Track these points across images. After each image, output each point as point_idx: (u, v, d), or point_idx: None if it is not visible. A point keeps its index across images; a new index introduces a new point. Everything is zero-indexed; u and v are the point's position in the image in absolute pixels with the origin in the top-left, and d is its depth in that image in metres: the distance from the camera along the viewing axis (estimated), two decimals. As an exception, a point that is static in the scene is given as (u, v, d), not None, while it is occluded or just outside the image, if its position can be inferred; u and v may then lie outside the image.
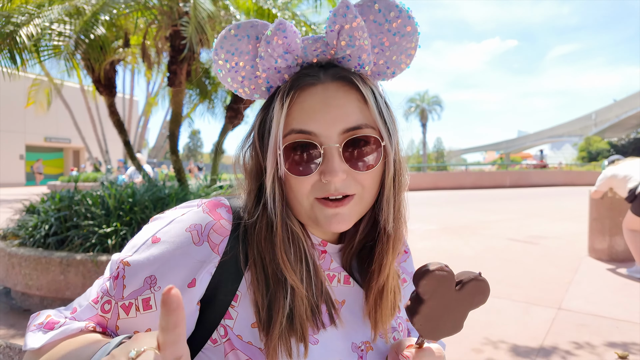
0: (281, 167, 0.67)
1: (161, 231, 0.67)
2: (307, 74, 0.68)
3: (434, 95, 58.27)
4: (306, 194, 0.68)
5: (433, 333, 0.69)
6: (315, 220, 0.69)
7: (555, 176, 25.34)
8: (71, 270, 3.41)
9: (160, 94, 11.73)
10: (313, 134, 0.66)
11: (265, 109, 0.72)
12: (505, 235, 7.28)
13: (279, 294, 0.67)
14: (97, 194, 4.09)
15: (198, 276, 0.65)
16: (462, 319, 0.69)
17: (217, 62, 0.71)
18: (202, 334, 0.68)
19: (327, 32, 0.67)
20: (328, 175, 0.65)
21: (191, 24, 3.94)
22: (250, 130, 0.74)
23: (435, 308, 0.67)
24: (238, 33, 0.68)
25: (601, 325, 3.37)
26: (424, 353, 0.71)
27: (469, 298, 0.67)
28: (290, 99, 0.66)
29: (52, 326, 0.63)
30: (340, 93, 0.67)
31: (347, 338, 0.73)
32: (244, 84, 0.73)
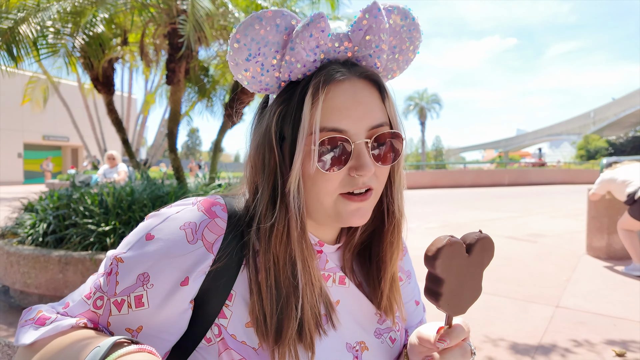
0: (314, 164, 0.66)
1: (155, 228, 0.67)
2: (335, 70, 0.68)
3: (433, 94, 58.32)
4: (332, 191, 0.68)
5: (460, 307, 0.69)
6: (337, 215, 0.70)
7: (554, 174, 25.38)
8: (70, 269, 3.41)
9: (158, 92, 11.70)
10: (344, 131, 0.67)
11: (285, 102, 0.69)
12: (503, 233, 7.29)
13: (291, 300, 0.66)
14: (96, 193, 4.09)
15: (191, 275, 0.64)
16: (479, 282, 0.69)
17: (236, 50, 0.67)
18: (197, 333, 0.67)
19: (354, 29, 0.68)
20: (360, 170, 0.66)
21: (189, 22, 3.93)
22: (266, 124, 0.70)
23: (455, 283, 0.67)
24: (267, 21, 0.66)
25: (599, 323, 3.38)
26: (456, 331, 0.70)
27: (479, 259, 0.68)
28: (325, 95, 0.66)
29: (43, 322, 0.63)
30: (366, 91, 0.69)
31: (342, 338, 0.73)
32: (259, 76, 0.70)
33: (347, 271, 0.80)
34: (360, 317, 0.78)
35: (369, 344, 0.77)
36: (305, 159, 0.67)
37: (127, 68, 10.18)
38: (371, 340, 0.77)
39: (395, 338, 0.82)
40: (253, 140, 0.73)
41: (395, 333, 0.82)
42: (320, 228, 0.76)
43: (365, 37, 0.68)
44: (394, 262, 0.78)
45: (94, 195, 4.02)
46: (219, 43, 5.80)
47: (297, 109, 0.67)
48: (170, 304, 0.64)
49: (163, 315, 0.64)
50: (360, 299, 0.79)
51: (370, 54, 0.70)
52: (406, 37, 0.73)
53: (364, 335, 0.76)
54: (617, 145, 38.83)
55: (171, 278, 0.64)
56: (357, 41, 0.69)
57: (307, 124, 0.66)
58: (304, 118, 0.66)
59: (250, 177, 0.73)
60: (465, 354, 0.71)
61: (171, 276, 0.64)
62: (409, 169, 35.12)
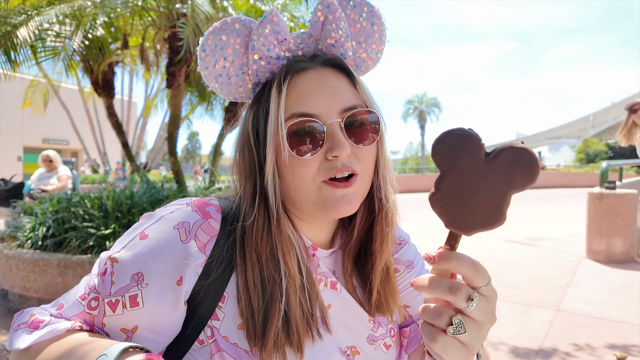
0: (285, 150, 0.66)
1: (149, 228, 0.67)
2: (298, 61, 0.71)
3: (432, 97, 58.43)
4: (312, 177, 0.68)
5: (462, 221, 0.53)
6: (323, 203, 0.69)
7: (554, 178, 25.39)
8: (69, 272, 3.40)
9: (158, 96, 11.73)
10: (314, 115, 0.68)
11: (256, 102, 0.73)
12: (503, 237, 7.28)
13: (275, 296, 0.66)
14: (96, 196, 4.09)
15: (185, 275, 0.64)
16: (501, 204, 0.52)
17: (203, 60, 0.71)
18: (190, 334, 0.67)
19: (312, 24, 0.71)
20: (335, 149, 0.66)
21: (188, 26, 3.94)
22: (243, 126, 0.74)
23: (458, 184, 0.52)
24: (226, 28, 0.69)
25: (600, 327, 3.37)
26: (458, 257, 0.55)
27: (508, 174, 0.51)
28: (287, 85, 0.68)
29: (37, 325, 0.63)
30: (333, 76, 0.71)
31: (334, 343, 0.72)
32: (230, 82, 0.73)
33: (343, 275, 0.79)
34: (351, 322, 0.77)
35: (361, 348, 0.76)
36: (278, 150, 0.68)
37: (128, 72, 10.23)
38: (364, 346, 0.76)
39: (390, 344, 0.80)
40: (235, 144, 0.76)
41: (390, 339, 0.80)
42: (312, 229, 0.76)
43: (325, 28, 0.71)
44: (384, 254, 0.76)
45: (94, 199, 4.02)
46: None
47: (265, 104, 0.70)
48: (165, 304, 0.64)
49: (158, 315, 0.64)
50: (352, 305, 0.77)
51: (333, 45, 0.72)
52: (367, 25, 0.74)
53: (356, 340, 0.76)
54: (617, 149, 38.85)
55: (165, 277, 0.64)
56: (317, 34, 0.72)
57: (274, 114, 0.68)
58: (271, 109, 0.68)
59: (237, 179, 0.75)
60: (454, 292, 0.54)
61: (165, 276, 0.64)
62: (409, 172, 35.16)
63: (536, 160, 0.51)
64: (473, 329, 0.55)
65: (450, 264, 0.55)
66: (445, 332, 0.54)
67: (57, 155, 6.58)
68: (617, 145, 39.28)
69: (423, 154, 61.96)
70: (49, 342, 0.61)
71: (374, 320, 0.79)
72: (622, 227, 5.46)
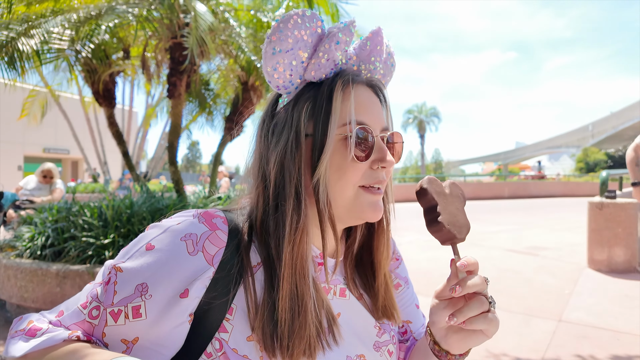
0: (351, 152, 0.69)
1: (155, 239, 0.66)
2: (356, 74, 0.75)
3: (432, 107, 58.75)
4: (355, 182, 0.71)
5: (459, 228, 0.75)
6: (360, 207, 0.72)
7: (554, 187, 25.39)
8: (67, 282, 3.38)
9: (159, 106, 11.77)
10: (367, 125, 0.72)
11: (310, 99, 0.71)
12: (504, 246, 7.26)
13: (307, 307, 0.66)
14: (95, 205, 4.08)
15: (191, 287, 0.64)
16: (465, 215, 0.78)
17: (277, 40, 0.70)
18: (196, 347, 0.66)
19: (361, 48, 0.77)
20: (384, 162, 0.72)
21: (192, 36, 3.97)
22: (291, 123, 0.71)
23: (447, 207, 0.75)
24: (307, 21, 0.71)
25: (602, 337, 3.34)
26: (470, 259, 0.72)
27: (457, 196, 0.78)
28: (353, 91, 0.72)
29: (34, 333, 0.62)
30: (374, 96, 0.77)
31: (343, 351, 0.72)
32: (289, 70, 0.72)
33: (348, 283, 0.80)
34: (360, 329, 0.77)
35: (368, 357, 0.76)
36: (334, 151, 0.70)
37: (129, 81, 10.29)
38: (370, 354, 0.76)
39: (392, 351, 0.81)
40: (273, 141, 0.72)
41: (392, 346, 0.82)
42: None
43: (370, 56, 0.77)
44: (385, 265, 0.82)
45: (93, 208, 4.01)
46: (220, 57, 5.86)
47: (326, 102, 0.70)
48: (169, 316, 0.63)
49: (160, 327, 0.63)
50: (361, 311, 0.78)
51: (370, 70, 0.77)
52: (389, 63, 0.83)
53: (363, 348, 0.76)
54: (616, 158, 38.96)
55: (170, 289, 0.63)
56: (363, 57, 0.77)
57: (339, 115, 0.70)
58: (335, 110, 0.69)
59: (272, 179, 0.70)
60: (482, 281, 0.70)
61: (170, 287, 0.63)
62: (409, 181, 35.17)
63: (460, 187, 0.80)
64: None
65: (472, 266, 0.71)
66: (489, 311, 0.69)
67: (57, 170, 6.47)
68: (616, 155, 39.33)
69: (423, 163, 62.01)
70: (45, 351, 0.60)
71: (380, 326, 0.80)
72: (623, 237, 5.45)
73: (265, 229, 0.70)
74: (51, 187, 6.39)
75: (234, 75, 5.84)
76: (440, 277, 5.11)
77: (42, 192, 6.31)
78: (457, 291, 0.69)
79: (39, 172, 6.39)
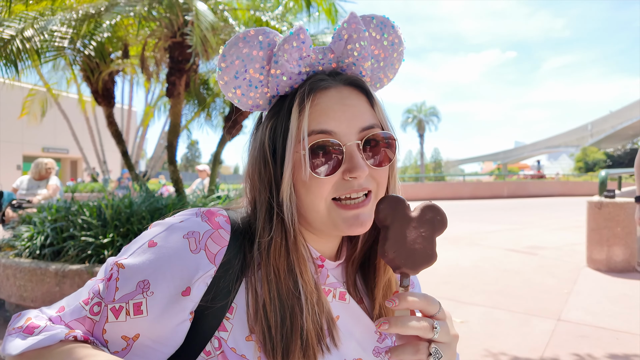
0: (306, 168, 0.66)
1: (158, 236, 0.66)
2: (319, 79, 0.71)
3: (431, 107, 58.72)
4: (325, 196, 0.68)
5: (410, 261, 0.66)
6: (333, 224, 0.69)
7: (553, 186, 25.42)
8: (66, 282, 3.38)
9: (157, 105, 11.76)
10: (333, 133, 0.68)
11: (274, 116, 0.72)
12: (503, 246, 7.27)
13: (296, 311, 0.66)
14: (94, 205, 4.07)
15: (193, 285, 0.64)
16: (432, 246, 0.68)
17: (223, 69, 0.70)
18: (196, 345, 0.66)
19: (335, 41, 0.72)
20: (354, 171, 0.66)
21: (196, 34, 3.96)
22: (259, 140, 0.72)
23: (401, 232, 0.66)
24: (250, 39, 0.69)
25: (601, 337, 3.34)
26: (410, 295, 0.64)
27: (429, 223, 0.68)
28: (310, 102, 0.68)
29: (31, 330, 0.62)
30: (353, 96, 0.71)
31: (340, 355, 0.72)
32: (249, 93, 0.72)
33: (348, 287, 0.79)
34: (359, 334, 0.76)
35: None
36: (296, 167, 0.68)
37: (128, 81, 10.28)
38: (369, 358, 0.76)
39: None
40: (250, 156, 0.74)
41: None
42: (320, 241, 0.76)
43: (347, 47, 0.71)
44: (387, 270, 0.78)
45: (93, 208, 4.01)
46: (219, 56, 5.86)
47: (285, 119, 0.69)
48: (170, 314, 0.63)
49: (161, 325, 0.63)
50: (360, 316, 0.77)
51: (354, 63, 0.72)
52: (388, 45, 0.75)
53: (362, 352, 0.75)
54: (615, 158, 39.01)
55: (172, 287, 0.63)
56: (340, 51, 0.72)
57: (295, 131, 0.67)
58: (292, 126, 0.67)
59: (249, 192, 0.74)
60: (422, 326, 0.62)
61: (172, 285, 0.63)
62: (408, 180, 35.20)
63: (444, 213, 0.69)
64: (445, 350, 0.64)
65: (409, 304, 0.63)
66: None
67: (54, 164, 6.24)
68: (615, 154, 39.40)
69: (422, 163, 62.05)
70: (41, 350, 0.60)
71: (380, 331, 0.79)
72: (622, 236, 5.46)
73: (252, 231, 0.71)
74: (47, 182, 6.17)
75: (233, 75, 5.82)
76: (440, 277, 5.11)
77: (40, 190, 6.15)
78: (381, 327, 0.62)
79: (39, 169, 6.14)
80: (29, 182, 6.20)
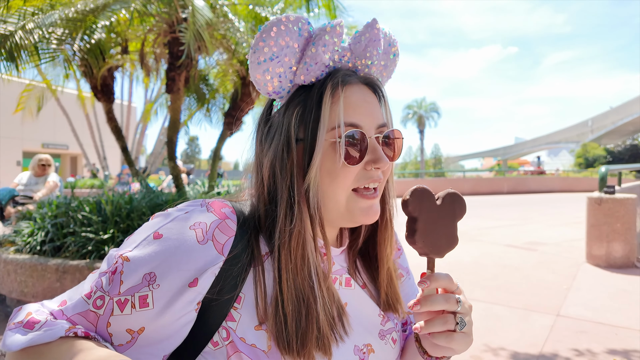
0: (341, 157, 0.68)
1: (163, 227, 0.65)
2: (347, 74, 0.74)
3: (431, 102, 58.55)
4: (348, 185, 0.71)
5: (436, 247, 0.74)
6: (350, 213, 0.73)
7: (553, 182, 25.42)
8: (67, 277, 3.39)
9: (157, 101, 11.73)
10: (359, 126, 0.71)
11: (301, 104, 0.71)
12: (503, 242, 7.28)
13: (311, 301, 0.67)
14: (94, 201, 4.08)
15: (201, 276, 0.63)
16: (454, 231, 0.76)
17: (260, 48, 0.69)
18: (202, 336, 0.66)
19: (355, 42, 0.75)
20: (378, 163, 0.71)
21: (189, 31, 3.95)
22: (282, 127, 0.72)
23: (428, 222, 0.73)
24: (292, 24, 0.69)
25: (600, 332, 3.36)
26: (438, 275, 0.72)
27: (451, 210, 0.75)
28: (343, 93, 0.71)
29: (32, 325, 0.61)
30: (370, 93, 0.76)
31: (351, 342, 0.73)
32: (276, 78, 0.72)
33: (351, 272, 0.81)
34: (366, 319, 0.78)
35: (375, 346, 0.77)
36: (324, 155, 0.70)
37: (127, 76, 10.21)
38: (376, 342, 0.77)
39: (396, 339, 0.82)
40: (266, 145, 0.73)
41: (396, 333, 0.82)
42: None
43: (366, 49, 0.75)
44: (389, 258, 0.82)
45: (93, 204, 4.01)
46: (219, 52, 5.84)
47: (315, 107, 0.70)
48: (177, 306, 0.63)
49: (167, 317, 0.63)
50: (366, 300, 0.79)
51: (367, 65, 0.76)
52: (390, 54, 0.82)
53: (370, 337, 0.76)
54: (615, 154, 38.96)
55: (179, 279, 0.62)
56: (358, 52, 0.75)
57: (328, 119, 0.69)
58: (324, 114, 0.69)
59: (266, 181, 0.72)
60: (449, 301, 0.70)
61: (179, 277, 0.62)
62: (409, 176, 35.20)
63: (464, 199, 0.77)
64: (467, 319, 0.73)
65: (439, 283, 0.71)
66: (455, 331, 0.70)
67: (52, 161, 6.27)
68: (615, 150, 39.33)
69: (422, 159, 61.99)
70: (41, 347, 0.60)
71: (384, 314, 0.81)
72: (621, 232, 5.46)
73: (267, 226, 0.72)
74: (46, 179, 6.16)
75: (232, 70, 5.81)
76: (441, 269, 5.12)
77: (39, 187, 6.11)
78: (414, 308, 0.70)
79: (35, 163, 6.16)
80: (29, 179, 6.19)
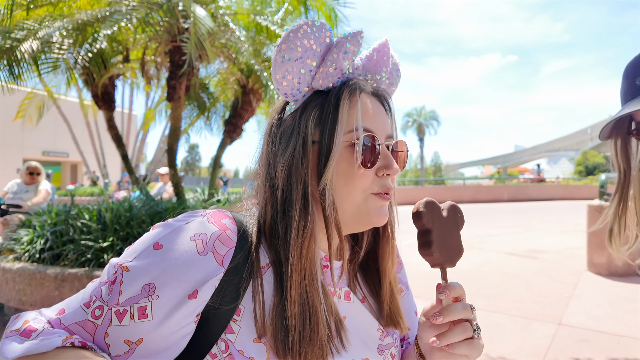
0: (358, 159, 0.70)
1: (164, 238, 0.65)
2: (363, 83, 0.76)
3: (431, 110, 58.73)
4: (365, 188, 0.72)
5: (450, 256, 0.76)
6: (367, 213, 0.73)
7: (553, 190, 25.40)
8: (66, 286, 3.37)
9: (158, 109, 11.78)
10: (373, 132, 0.73)
11: (318, 107, 0.72)
12: (503, 250, 7.26)
13: (318, 310, 0.67)
14: (94, 208, 4.07)
15: (200, 288, 0.63)
16: (459, 240, 0.79)
17: (286, 47, 0.71)
18: (201, 348, 0.66)
19: (368, 58, 0.79)
20: (389, 169, 0.73)
21: (191, 41, 3.98)
22: (297, 129, 0.72)
23: (441, 233, 0.76)
24: (317, 29, 0.72)
25: (602, 341, 3.33)
26: (454, 285, 0.74)
27: (455, 220, 0.79)
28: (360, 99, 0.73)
29: (29, 334, 0.61)
30: (379, 105, 0.78)
31: (349, 355, 0.72)
32: (295, 79, 0.73)
33: (351, 286, 0.80)
34: (365, 333, 0.77)
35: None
36: (340, 157, 0.71)
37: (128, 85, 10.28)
38: (374, 357, 0.76)
39: (395, 354, 0.81)
40: (281, 146, 0.73)
41: (395, 349, 0.82)
42: (325, 240, 0.76)
43: (376, 67, 0.79)
44: (390, 271, 0.82)
45: (93, 211, 4.00)
46: (219, 60, 5.87)
47: (333, 109, 0.71)
48: (175, 318, 0.62)
49: (166, 328, 0.62)
50: (365, 315, 0.78)
51: (377, 80, 0.80)
52: (395, 74, 0.85)
53: (368, 352, 0.76)
54: (615, 161, 38.89)
55: (179, 290, 0.62)
56: (369, 68, 0.79)
57: (345, 122, 0.71)
58: (342, 117, 0.70)
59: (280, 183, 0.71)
60: (466, 309, 0.72)
61: (179, 288, 0.62)
62: (409, 184, 35.18)
63: (461, 209, 0.81)
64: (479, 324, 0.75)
65: (457, 292, 0.73)
66: (473, 338, 0.72)
67: (42, 168, 6.07)
68: (615, 158, 39.30)
69: (422, 166, 62.02)
70: (37, 356, 0.59)
71: (382, 329, 0.80)
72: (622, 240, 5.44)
73: (273, 233, 0.71)
74: (37, 187, 5.96)
75: (233, 79, 5.84)
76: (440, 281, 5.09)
77: (29, 195, 5.87)
78: (437, 320, 0.70)
79: (24, 171, 5.99)
80: (19, 187, 6.00)
